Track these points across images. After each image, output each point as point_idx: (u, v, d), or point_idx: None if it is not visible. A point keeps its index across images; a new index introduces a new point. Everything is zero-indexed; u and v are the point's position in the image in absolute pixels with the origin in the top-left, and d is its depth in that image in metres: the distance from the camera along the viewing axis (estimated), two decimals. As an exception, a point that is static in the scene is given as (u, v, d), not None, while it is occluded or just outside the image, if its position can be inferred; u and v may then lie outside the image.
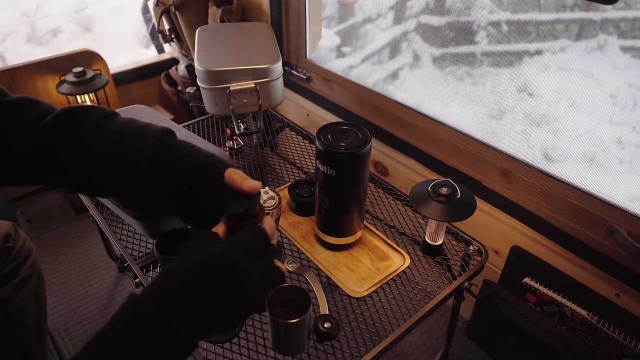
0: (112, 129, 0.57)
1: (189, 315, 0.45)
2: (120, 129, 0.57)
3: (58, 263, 1.53)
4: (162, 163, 0.56)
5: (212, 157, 0.57)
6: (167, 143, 0.57)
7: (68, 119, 0.58)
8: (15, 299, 0.90)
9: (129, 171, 0.55)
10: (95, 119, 0.58)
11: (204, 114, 1.65)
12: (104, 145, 0.56)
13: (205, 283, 0.46)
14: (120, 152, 0.55)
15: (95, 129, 0.57)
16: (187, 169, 0.56)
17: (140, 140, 0.56)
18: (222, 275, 0.47)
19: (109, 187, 0.58)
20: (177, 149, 0.57)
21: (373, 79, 1.59)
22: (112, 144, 0.56)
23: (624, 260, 0.91)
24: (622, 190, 0.94)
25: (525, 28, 1.21)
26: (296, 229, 0.99)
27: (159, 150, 0.56)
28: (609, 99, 0.95)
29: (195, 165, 0.56)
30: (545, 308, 1.03)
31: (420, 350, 1.27)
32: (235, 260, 0.48)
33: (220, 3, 1.54)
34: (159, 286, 0.47)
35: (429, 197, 0.85)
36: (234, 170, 0.56)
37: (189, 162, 0.56)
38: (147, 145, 0.55)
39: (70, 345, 1.27)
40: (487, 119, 1.22)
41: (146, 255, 0.93)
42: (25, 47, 2.46)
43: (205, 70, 1.09)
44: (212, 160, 0.57)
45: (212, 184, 0.56)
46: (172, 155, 0.56)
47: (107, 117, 0.58)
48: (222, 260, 0.48)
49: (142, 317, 0.44)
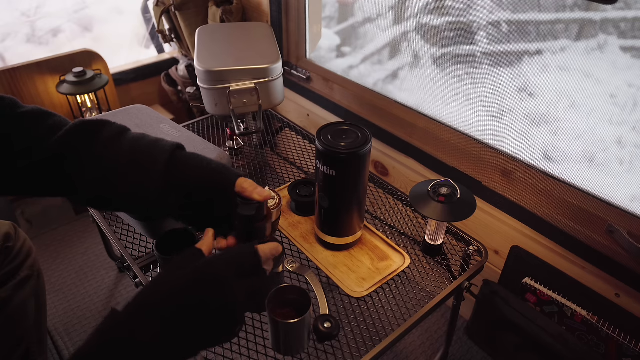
0: (124, 144, 0.58)
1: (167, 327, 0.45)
2: (132, 145, 0.58)
3: (58, 263, 1.53)
4: (174, 179, 0.57)
5: (222, 167, 0.59)
6: (178, 157, 0.59)
7: (81, 133, 0.58)
8: (15, 299, 0.90)
9: (142, 186, 0.56)
10: (108, 133, 0.59)
11: (204, 114, 1.65)
12: (116, 161, 0.57)
13: (193, 296, 0.47)
14: (133, 168, 0.56)
15: (109, 143, 0.58)
16: (199, 180, 0.58)
17: (152, 155, 0.57)
18: (211, 289, 0.48)
19: (119, 202, 0.59)
20: (187, 162, 0.59)
21: (373, 79, 1.59)
22: (124, 159, 0.57)
23: (624, 260, 0.91)
24: (622, 190, 0.94)
25: (525, 28, 1.21)
26: (296, 229, 0.99)
27: (171, 165, 0.57)
28: (609, 99, 0.95)
29: (206, 177, 0.58)
30: (545, 308, 1.03)
31: (420, 350, 1.27)
32: (224, 274, 0.49)
33: (220, 3, 1.54)
34: (142, 298, 0.47)
35: (429, 197, 0.85)
36: (244, 180, 0.58)
37: (200, 173, 0.58)
38: (159, 160, 0.57)
39: (70, 345, 1.27)
40: (487, 119, 1.22)
41: (146, 255, 0.93)
42: (25, 47, 2.46)
43: (205, 70, 1.09)
44: (223, 170, 0.59)
45: (223, 194, 0.58)
46: (183, 169, 0.58)
47: (120, 132, 0.59)
48: (211, 274, 0.49)
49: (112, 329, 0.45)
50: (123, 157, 0.57)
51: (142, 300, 0.47)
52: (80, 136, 0.58)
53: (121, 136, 0.59)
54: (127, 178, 0.56)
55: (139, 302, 0.47)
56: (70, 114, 1.70)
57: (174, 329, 0.45)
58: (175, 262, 0.51)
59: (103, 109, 1.70)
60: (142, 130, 1.05)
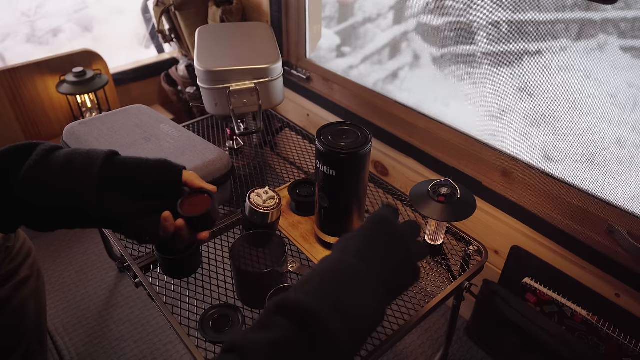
0: (58, 155, 0.59)
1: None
2: (65, 155, 0.59)
3: (58, 263, 1.53)
4: (113, 177, 0.59)
5: (164, 161, 0.63)
6: (116, 160, 0.61)
7: (12, 153, 0.59)
8: (15, 299, 0.90)
9: (78, 186, 0.57)
10: (39, 150, 0.59)
11: (204, 114, 1.66)
12: (49, 169, 0.57)
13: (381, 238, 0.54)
14: (67, 173, 0.57)
15: (41, 157, 0.58)
16: (144, 174, 0.61)
17: (88, 157, 0.59)
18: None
19: (58, 213, 0.59)
20: (125, 160, 0.61)
21: (373, 79, 1.59)
22: (58, 166, 0.58)
23: (624, 260, 0.91)
24: (622, 190, 0.94)
25: (525, 28, 1.20)
26: (296, 229, 0.99)
27: (107, 165, 0.59)
28: (609, 99, 0.95)
29: (153, 170, 0.61)
30: (545, 308, 1.03)
31: (420, 350, 1.27)
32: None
33: (220, 3, 1.54)
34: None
35: (429, 197, 0.85)
36: (187, 171, 0.64)
37: (144, 168, 0.61)
38: (94, 162, 0.58)
39: (70, 345, 1.27)
40: (487, 119, 1.21)
41: (146, 255, 0.93)
42: (25, 47, 2.46)
43: (205, 70, 1.09)
44: (166, 163, 0.63)
45: (170, 186, 0.62)
46: (120, 168, 0.60)
47: (52, 149, 0.60)
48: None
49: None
50: (57, 165, 0.58)
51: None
52: (11, 156, 0.58)
53: (53, 151, 0.60)
54: (63, 183, 0.57)
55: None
56: (70, 114, 1.70)
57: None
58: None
59: (103, 109, 1.70)
60: (142, 130, 1.05)
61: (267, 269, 0.78)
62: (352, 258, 0.50)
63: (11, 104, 1.59)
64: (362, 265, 0.49)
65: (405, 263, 0.53)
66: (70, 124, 1.06)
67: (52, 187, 0.57)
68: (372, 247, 0.52)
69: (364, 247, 0.52)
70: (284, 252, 0.80)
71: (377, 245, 0.53)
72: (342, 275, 0.48)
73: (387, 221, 0.55)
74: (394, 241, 0.54)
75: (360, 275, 0.49)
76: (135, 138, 1.02)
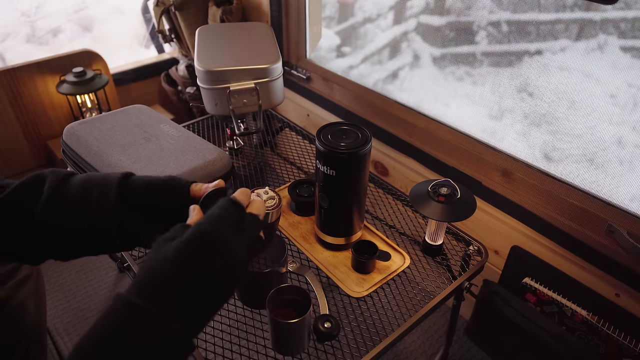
0: (73, 182, 0.59)
1: (174, 302, 0.44)
2: (81, 181, 0.60)
3: (58, 263, 1.53)
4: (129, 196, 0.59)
5: (172, 178, 0.62)
6: (130, 180, 0.61)
7: (29, 184, 0.59)
8: (15, 299, 0.90)
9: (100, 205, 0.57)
10: (54, 177, 0.59)
11: (204, 114, 1.66)
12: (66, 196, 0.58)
13: (195, 264, 0.46)
14: (85, 197, 0.58)
15: (57, 185, 0.58)
16: (154, 189, 0.60)
17: (104, 179, 0.59)
18: (213, 252, 0.47)
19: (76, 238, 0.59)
20: (140, 179, 0.61)
21: (373, 79, 1.59)
22: (75, 192, 0.58)
23: (624, 260, 0.91)
24: (622, 190, 0.94)
25: (525, 28, 1.20)
26: (296, 229, 0.99)
27: (123, 185, 0.59)
28: (609, 99, 0.95)
29: (161, 187, 0.61)
30: (545, 308, 1.03)
31: (420, 350, 1.27)
32: (222, 235, 0.48)
33: (220, 3, 1.54)
34: (143, 279, 0.45)
35: (429, 197, 0.85)
36: (195, 183, 0.61)
37: (153, 186, 0.61)
38: (111, 185, 0.58)
39: (70, 345, 1.27)
40: (487, 119, 1.21)
41: (146, 255, 0.93)
42: (25, 47, 2.46)
43: (205, 70, 1.09)
44: (174, 180, 0.62)
45: (179, 200, 0.60)
46: (133, 187, 0.60)
47: (67, 175, 0.60)
48: (210, 237, 0.47)
49: (131, 314, 0.43)
50: (74, 191, 0.58)
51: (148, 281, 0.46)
52: (28, 187, 0.58)
53: (69, 178, 0.60)
54: (81, 208, 0.57)
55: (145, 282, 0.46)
56: (70, 114, 1.70)
57: (188, 299, 0.45)
58: (165, 237, 0.50)
59: (103, 109, 1.70)
60: (142, 130, 1.05)
61: (267, 269, 0.78)
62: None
63: (11, 104, 1.59)
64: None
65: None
66: (70, 124, 1.06)
67: (71, 215, 0.57)
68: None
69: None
70: (284, 252, 0.80)
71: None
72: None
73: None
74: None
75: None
76: (135, 138, 1.02)
